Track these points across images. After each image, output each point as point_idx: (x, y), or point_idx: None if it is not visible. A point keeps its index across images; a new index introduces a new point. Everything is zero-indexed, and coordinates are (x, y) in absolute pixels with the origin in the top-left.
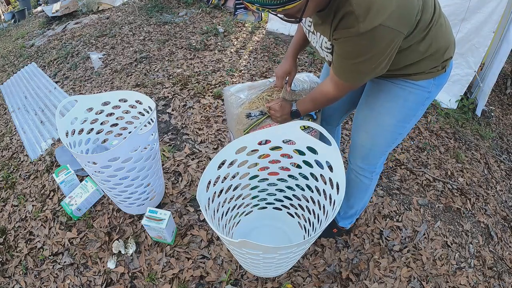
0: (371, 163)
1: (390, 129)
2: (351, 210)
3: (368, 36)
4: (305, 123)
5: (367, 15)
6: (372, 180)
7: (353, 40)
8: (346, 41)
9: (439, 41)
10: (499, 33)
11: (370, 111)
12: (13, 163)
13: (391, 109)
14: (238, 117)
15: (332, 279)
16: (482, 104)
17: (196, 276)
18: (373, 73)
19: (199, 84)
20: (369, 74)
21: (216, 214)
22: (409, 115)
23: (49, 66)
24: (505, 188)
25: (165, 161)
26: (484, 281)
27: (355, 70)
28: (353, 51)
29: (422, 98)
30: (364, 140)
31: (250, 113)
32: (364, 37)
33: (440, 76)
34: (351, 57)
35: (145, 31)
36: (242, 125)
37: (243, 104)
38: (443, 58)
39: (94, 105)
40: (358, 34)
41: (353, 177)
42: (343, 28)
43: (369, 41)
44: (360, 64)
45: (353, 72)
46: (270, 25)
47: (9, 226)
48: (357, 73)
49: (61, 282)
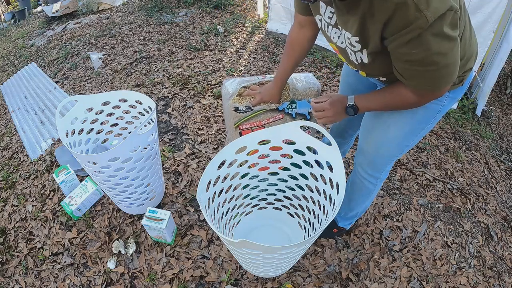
0: (376, 170)
1: (396, 141)
2: (352, 212)
3: (440, 25)
4: (305, 123)
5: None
6: (376, 186)
7: (423, 38)
8: (414, 44)
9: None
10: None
11: (377, 120)
12: (13, 163)
13: (399, 121)
14: (229, 110)
15: (332, 279)
16: (482, 104)
17: (196, 276)
18: (457, 69)
19: (199, 84)
20: (455, 73)
21: (216, 214)
22: (417, 128)
23: (49, 66)
24: (505, 188)
25: (165, 161)
26: (484, 281)
27: (443, 73)
28: (430, 52)
29: (433, 111)
30: (370, 148)
31: (238, 107)
32: (435, 29)
33: (457, 89)
34: (432, 61)
35: (145, 31)
36: (232, 119)
37: (231, 97)
38: (464, 69)
39: (94, 105)
40: (427, 27)
41: (358, 181)
42: (403, 28)
43: (441, 30)
44: (448, 61)
45: (444, 76)
46: (270, 25)
47: (9, 226)
48: (447, 75)
49: (61, 282)
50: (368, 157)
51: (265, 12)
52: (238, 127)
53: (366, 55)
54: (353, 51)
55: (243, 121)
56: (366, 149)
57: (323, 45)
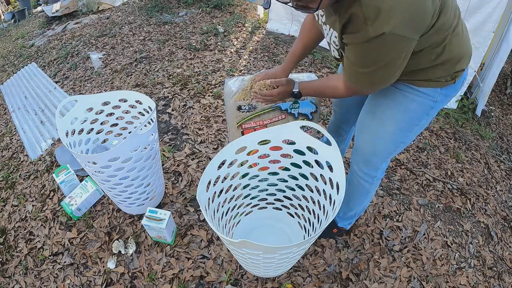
0: (372, 168)
1: (391, 137)
2: (351, 212)
3: (378, 43)
4: (304, 123)
5: (376, 18)
6: (373, 185)
7: (362, 46)
8: (355, 47)
9: (453, 50)
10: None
11: (371, 116)
12: (13, 163)
13: (392, 116)
14: (232, 109)
15: (332, 279)
16: (482, 104)
17: (196, 276)
18: (386, 82)
19: (199, 84)
20: (381, 84)
21: (216, 214)
22: (411, 124)
23: (49, 66)
24: (505, 188)
25: (165, 161)
26: (484, 281)
27: (365, 79)
28: (363, 59)
29: (426, 107)
30: (365, 145)
31: (241, 105)
32: (373, 43)
33: (449, 87)
34: (361, 65)
35: (145, 31)
36: (235, 117)
37: (234, 95)
38: (454, 70)
39: (94, 105)
40: (367, 39)
41: (354, 180)
42: (352, 33)
43: (379, 49)
44: (371, 74)
45: (363, 80)
46: (270, 25)
47: (9, 226)
48: (367, 82)
49: (61, 282)
50: (364, 155)
51: (265, 12)
52: (241, 126)
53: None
54: (336, 49)
55: (245, 120)
56: (361, 147)
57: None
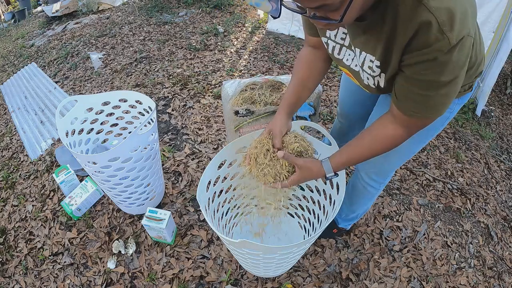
0: (382, 176)
1: (404, 149)
2: (353, 214)
3: (457, 51)
4: (305, 123)
5: (452, 22)
6: (379, 190)
7: (441, 60)
8: (427, 65)
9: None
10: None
11: None
12: (13, 163)
13: None
14: (229, 114)
15: (332, 279)
16: (482, 104)
17: (196, 276)
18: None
19: (199, 84)
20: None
21: (216, 214)
22: (426, 135)
23: (49, 66)
24: (505, 188)
25: (165, 161)
26: (484, 281)
27: (439, 101)
28: (440, 77)
29: (443, 119)
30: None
31: (238, 110)
32: (454, 52)
33: (465, 95)
34: (437, 86)
35: (145, 31)
36: (232, 122)
37: (231, 99)
38: (475, 74)
39: (94, 105)
40: (448, 49)
41: (360, 185)
42: (423, 48)
43: (458, 57)
44: (448, 93)
45: (438, 105)
46: (270, 25)
47: (9, 226)
48: (441, 106)
49: (61, 282)
50: (376, 166)
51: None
52: (239, 130)
53: (384, 80)
54: (371, 76)
55: (243, 125)
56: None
57: None
